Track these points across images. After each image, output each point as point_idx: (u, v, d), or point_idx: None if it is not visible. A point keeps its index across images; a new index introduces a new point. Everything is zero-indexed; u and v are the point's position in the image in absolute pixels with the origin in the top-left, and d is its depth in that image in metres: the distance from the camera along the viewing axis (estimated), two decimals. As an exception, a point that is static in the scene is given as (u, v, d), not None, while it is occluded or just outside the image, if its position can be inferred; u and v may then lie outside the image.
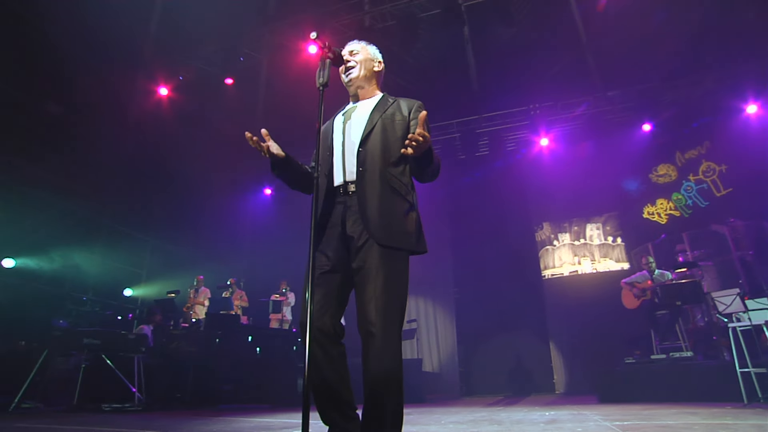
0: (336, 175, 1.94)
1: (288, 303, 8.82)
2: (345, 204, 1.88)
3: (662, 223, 9.19)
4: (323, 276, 1.85)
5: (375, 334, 1.67)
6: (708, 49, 8.26)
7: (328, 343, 1.79)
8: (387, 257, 1.77)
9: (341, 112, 2.14)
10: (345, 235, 1.85)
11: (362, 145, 1.92)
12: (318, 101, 1.94)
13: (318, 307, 1.80)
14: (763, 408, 4.15)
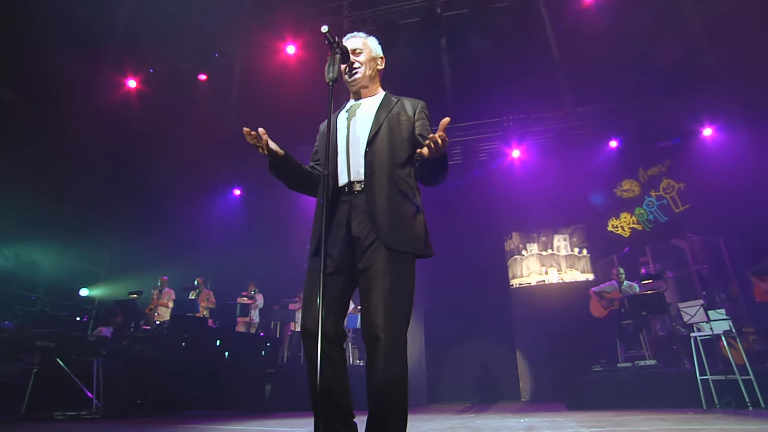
0: (341, 175, 1.89)
1: (256, 305, 8.60)
2: (350, 204, 1.84)
3: (625, 236, 9.57)
4: (327, 278, 1.78)
5: (382, 338, 1.64)
6: (671, 76, 8.70)
7: (330, 348, 1.74)
8: (395, 260, 1.74)
9: (344, 109, 2.09)
10: (350, 236, 1.81)
11: (369, 145, 1.89)
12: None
13: (329, 315, 1.76)
14: (722, 413, 4.35)
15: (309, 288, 1.80)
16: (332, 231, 1.84)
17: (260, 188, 11.12)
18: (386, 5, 8.99)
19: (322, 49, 10.00)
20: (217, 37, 8.80)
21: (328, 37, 1.85)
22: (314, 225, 1.94)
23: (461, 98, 10.58)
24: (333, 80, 1.81)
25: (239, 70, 9.57)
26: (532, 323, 9.57)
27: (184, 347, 5.85)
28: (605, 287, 6.82)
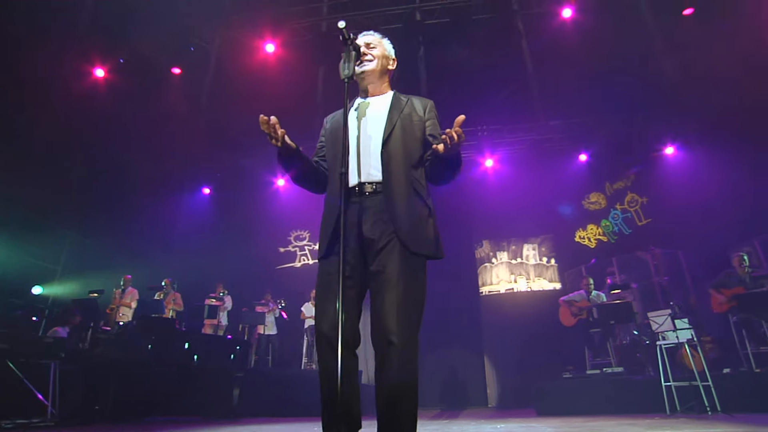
0: (351, 175, 1.83)
1: (225, 307, 8.35)
2: (361, 205, 1.79)
3: (591, 247, 9.89)
4: (349, 282, 1.75)
5: (396, 343, 1.62)
6: (637, 96, 9.10)
7: (346, 354, 1.69)
8: (409, 263, 1.72)
9: (352, 108, 2.03)
10: (361, 238, 1.75)
11: (384, 145, 1.85)
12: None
13: (335, 316, 1.71)
14: (686, 418, 4.54)
15: (323, 291, 1.75)
16: (340, 233, 1.78)
17: (230, 187, 10.85)
18: (367, 10, 9.00)
19: (301, 48, 9.93)
20: (193, 31, 8.54)
21: (344, 33, 1.82)
22: (324, 226, 1.87)
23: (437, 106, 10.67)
24: (348, 77, 1.78)
25: (215, 66, 9.34)
26: (500, 330, 9.70)
27: (151, 350, 5.59)
28: (574, 296, 7.01)
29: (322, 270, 1.80)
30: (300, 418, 6.35)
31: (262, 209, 10.80)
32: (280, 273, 10.45)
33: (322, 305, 1.72)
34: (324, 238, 1.83)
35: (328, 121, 2.11)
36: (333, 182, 1.88)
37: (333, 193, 1.85)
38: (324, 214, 1.90)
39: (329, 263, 1.77)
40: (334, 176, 1.87)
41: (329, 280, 1.75)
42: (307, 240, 10.85)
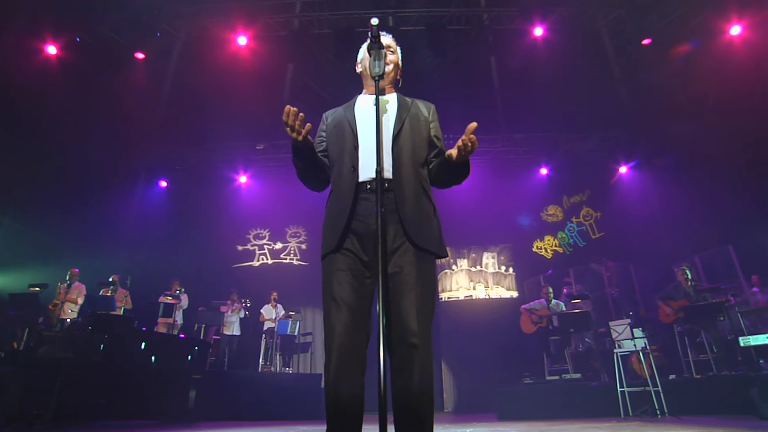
0: (363, 171, 1.79)
1: (180, 306, 7.95)
2: (372, 202, 1.75)
3: (548, 257, 10.29)
4: (360, 280, 1.69)
5: (418, 345, 1.58)
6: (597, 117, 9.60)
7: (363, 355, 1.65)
8: (423, 262, 1.70)
9: (355, 105, 1.99)
10: (376, 235, 1.70)
11: (394, 142, 1.83)
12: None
13: (358, 317, 1.66)
14: (640, 421, 4.79)
15: (339, 286, 1.68)
16: (355, 227, 1.73)
17: (189, 182, 10.41)
18: (344, 11, 8.95)
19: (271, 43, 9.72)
20: (161, 16, 8.14)
21: (374, 32, 1.79)
22: (332, 220, 1.79)
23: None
24: (380, 75, 1.75)
25: (181, 54, 8.94)
26: (458, 336, 9.85)
27: (103, 350, 5.22)
28: (535, 305, 7.25)
29: (331, 265, 1.73)
30: (258, 423, 6.16)
31: (221, 205, 10.44)
32: (237, 272, 10.12)
33: (332, 307, 1.65)
34: (333, 233, 1.75)
35: (328, 116, 2.05)
36: (341, 177, 1.81)
37: (343, 188, 1.78)
38: (331, 209, 1.83)
39: (341, 259, 1.70)
40: (342, 171, 1.81)
41: (342, 276, 1.69)
42: (267, 239, 10.58)
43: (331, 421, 1.58)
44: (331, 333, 1.63)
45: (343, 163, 1.82)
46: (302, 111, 1.91)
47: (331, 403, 1.57)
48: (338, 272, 1.69)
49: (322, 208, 8.10)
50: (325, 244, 1.78)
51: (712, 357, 5.96)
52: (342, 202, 1.76)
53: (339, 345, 1.61)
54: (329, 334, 1.65)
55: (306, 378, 7.96)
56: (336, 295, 1.67)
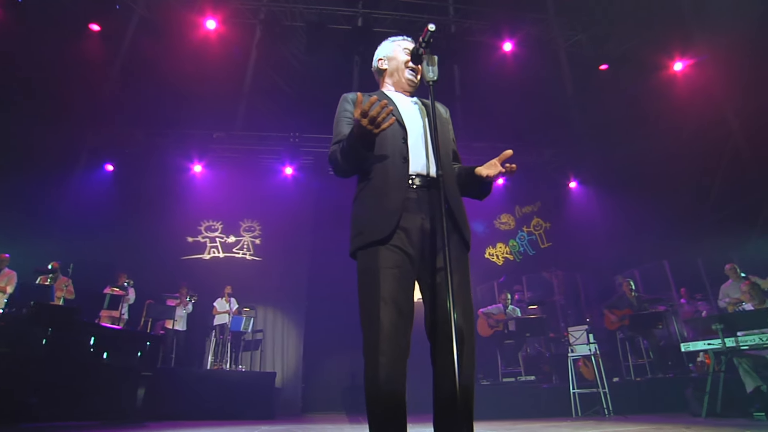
0: (411, 163, 1.78)
1: (127, 299, 7.45)
2: (421, 195, 1.75)
3: (499, 264, 10.72)
4: (405, 276, 1.69)
5: (466, 340, 1.63)
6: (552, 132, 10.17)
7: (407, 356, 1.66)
8: (465, 257, 1.75)
9: (390, 97, 1.95)
10: (425, 228, 1.72)
11: (436, 139, 1.86)
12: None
13: (405, 310, 1.67)
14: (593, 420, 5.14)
15: (386, 281, 1.63)
16: (403, 221, 1.71)
17: (138, 166, 9.77)
18: (318, 5, 8.84)
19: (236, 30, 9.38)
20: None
21: (428, 36, 1.81)
22: (374, 213, 1.73)
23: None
24: (435, 81, 1.76)
25: (139, 30, 8.39)
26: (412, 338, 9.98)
27: (45, 344, 4.76)
28: (492, 309, 7.54)
29: (377, 257, 1.66)
30: (211, 422, 5.92)
31: (172, 194, 9.89)
32: (186, 264, 9.62)
33: (385, 296, 1.63)
34: (381, 225, 1.69)
35: (355, 101, 2.01)
36: (387, 170, 1.76)
37: (390, 182, 1.74)
38: (374, 200, 1.75)
39: (387, 254, 1.66)
40: (387, 164, 1.77)
41: (389, 273, 1.67)
42: (220, 231, 10.17)
43: (382, 418, 1.57)
44: (380, 330, 1.60)
45: (391, 153, 1.78)
46: (261, 104, 1.84)
47: (384, 400, 1.57)
48: (385, 269, 1.64)
49: (278, 204, 8.28)
50: (367, 233, 1.70)
51: (648, 362, 6.51)
52: (390, 195, 1.71)
53: (390, 343, 1.60)
54: (376, 332, 1.61)
55: (260, 376, 7.74)
56: (384, 292, 1.63)
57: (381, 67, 2.13)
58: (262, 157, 10.67)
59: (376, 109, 1.56)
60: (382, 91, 2.06)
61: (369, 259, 1.69)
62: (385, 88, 2.10)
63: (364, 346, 1.65)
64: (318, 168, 11.00)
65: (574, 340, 5.71)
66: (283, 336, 9.75)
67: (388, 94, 2.00)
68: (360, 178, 1.85)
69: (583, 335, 5.62)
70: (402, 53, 2.08)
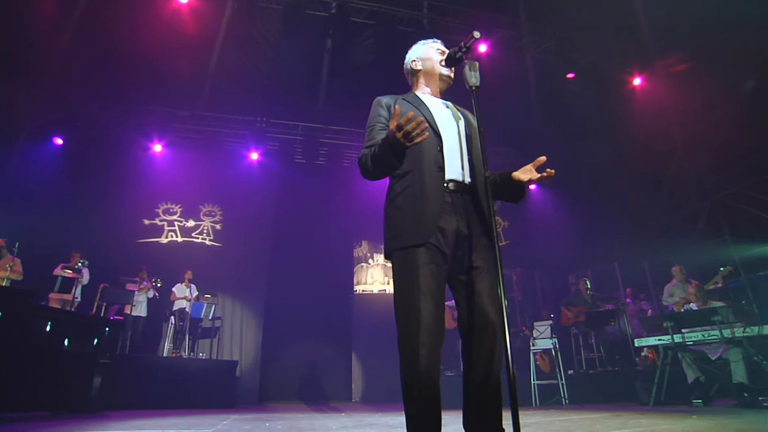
0: (447, 172, 1.87)
1: (81, 281, 7.01)
2: (456, 200, 1.84)
3: (458, 259, 11.04)
4: (440, 272, 1.76)
5: (496, 345, 1.74)
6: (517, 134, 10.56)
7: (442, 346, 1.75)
8: (495, 259, 1.84)
9: (425, 104, 2.03)
10: (460, 232, 1.81)
11: (468, 146, 1.95)
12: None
13: (440, 307, 1.75)
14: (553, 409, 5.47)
15: (424, 279, 1.71)
16: (439, 224, 1.79)
17: (91, 142, 9.17)
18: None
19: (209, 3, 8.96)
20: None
21: (470, 43, 1.88)
22: (413, 215, 1.81)
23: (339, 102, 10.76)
24: (477, 86, 1.83)
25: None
26: (370, 329, 10.10)
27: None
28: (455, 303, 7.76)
29: (415, 258, 1.74)
30: (169, 411, 5.74)
31: (128, 173, 9.38)
32: (142, 247, 9.18)
33: (424, 292, 1.70)
34: (420, 229, 1.77)
35: (391, 105, 2.05)
36: (423, 176, 1.84)
37: (428, 188, 1.82)
38: (411, 204, 1.83)
39: (425, 252, 1.74)
40: (424, 170, 1.85)
41: (427, 269, 1.74)
42: (178, 215, 9.77)
43: (421, 408, 1.65)
44: (420, 323, 1.68)
45: (427, 162, 1.86)
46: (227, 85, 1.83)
47: (423, 389, 1.65)
48: (423, 265, 1.73)
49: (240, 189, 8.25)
50: (406, 237, 1.79)
51: (598, 356, 7.00)
52: (429, 201, 1.80)
53: (429, 335, 1.68)
54: (416, 324, 1.68)
55: (221, 365, 7.57)
56: (423, 287, 1.71)
57: (415, 68, 2.19)
58: (227, 140, 10.34)
59: (412, 125, 1.62)
60: (416, 94, 2.11)
61: (408, 257, 1.76)
62: (418, 90, 2.15)
63: (401, 338, 1.73)
64: (284, 154, 10.82)
65: (539, 334, 6.06)
66: (241, 324, 9.56)
67: (423, 99, 2.06)
68: (394, 185, 1.92)
69: (548, 330, 5.96)
70: (436, 53, 2.15)
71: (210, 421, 4.30)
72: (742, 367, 4.76)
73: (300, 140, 10.81)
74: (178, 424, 3.96)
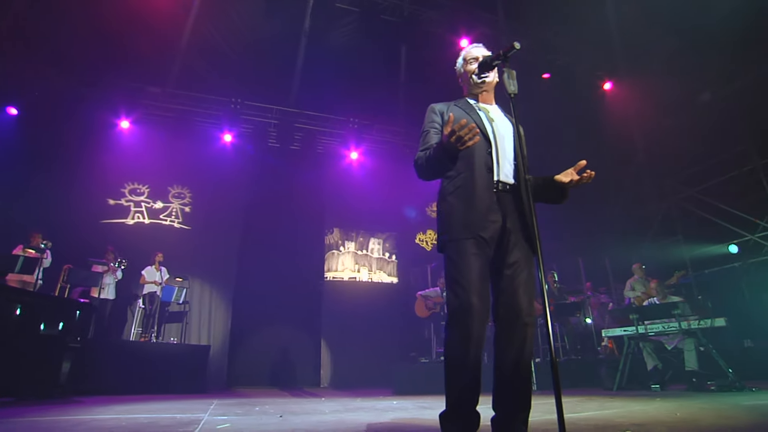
0: (495, 172, 2.04)
1: (43, 263, 6.65)
2: (502, 199, 2.01)
3: (428, 249, 11.28)
4: (486, 261, 1.93)
5: (529, 324, 1.92)
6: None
7: (485, 329, 1.88)
8: (531, 255, 1.99)
9: (475, 110, 2.18)
10: (504, 228, 1.95)
11: (514, 150, 2.12)
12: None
13: (487, 294, 1.87)
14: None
15: (477, 267, 1.88)
16: (487, 220, 1.94)
17: (50, 114, 8.62)
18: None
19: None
20: None
21: (510, 52, 2.00)
22: (467, 211, 1.98)
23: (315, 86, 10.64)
24: (515, 93, 1.95)
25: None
26: (339, 315, 10.18)
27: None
28: (430, 292, 7.99)
29: (466, 249, 1.91)
30: (141, 396, 5.62)
31: (92, 150, 8.92)
32: (107, 228, 8.78)
33: (468, 281, 1.85)
34: (471, 224, 1.94)
35: (444, 112, 2.20)
36: (474, 177, 2.00)
37: (479, 188, 1.99)
38: (462, 202, 2.00)
39: (473, 243, 1.91)
40: (475, 172, 2.02)
41: (474, 259, 1.89)
42: (146, 196, 9.41)
43: (466, 382, 1.83)
44: (471, 305, 1.84)
45: (477, 164, 2.03)
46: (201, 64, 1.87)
47: (472, 365, 1.84)
48: (473, 255, 1.91)
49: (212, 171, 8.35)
50: (458, 231, 1.96)
51: (562, 345, 7.42)
52: (479, 199, 1.97)
53: (478, 313, 1.84)
54: (468, 304, 1.84)
55: (193, 350, 7.44)
56: (474, 271, 1.89)
57: (460, 71, 2.34)
58: (198, 120, 10.02)
59: (464, 130, 1.80)
60: (466, 100, 2.26)
61: (460, 247, 1.93)
62: (467, 95, 2.31)
63: (451, 319, 1.89)
64: (258, 138, 10.61)
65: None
66: (210, 308, 9.39)
67: (473, 105, 2.22)
68: (446, 185, 2.08)
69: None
70: (472, 60, 2.29)
71: (195, 406, 4.27)
72: (694, 355, 5.24)
73: (275, 124, 10.62)
74: (168, 409, 3.91)
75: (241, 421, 3.10)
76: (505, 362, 1.89)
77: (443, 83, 10.33)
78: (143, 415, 3.46)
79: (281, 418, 3.30)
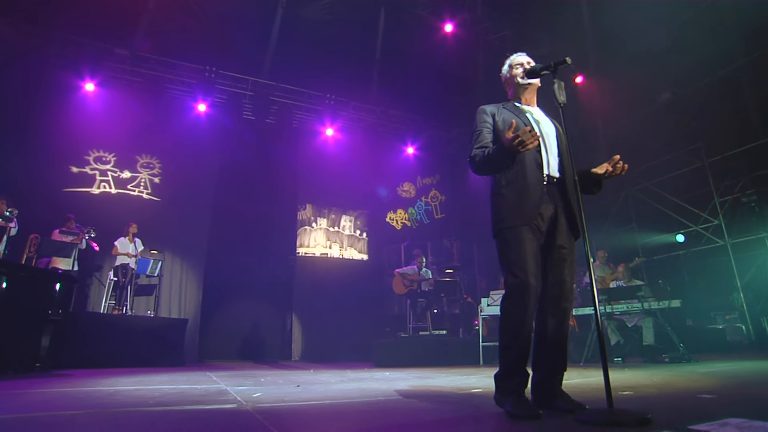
0: (545, 167, 2.30)
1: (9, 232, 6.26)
2: (550, 191, 2.27)
3: (398, 228, 11.55)
4: (538, 245, 2.21)
5: (568, 308, 2.24)
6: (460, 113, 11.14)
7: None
8: (574, 243, 2.27)
9: (523, 112, 2.41)
10: (554, 216, 2.20)
11: (559, 147, 2.35)
12: None
13: (539, 273, 2.11)
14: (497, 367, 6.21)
15: (532, 251, 2.15)
16: (539, 209, 2.18)
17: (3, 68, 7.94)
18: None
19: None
20: None
21: (562, 65, 2.21)
22: (522, 201, 2.22)
23: (291, 59, 10.45)
24: (564, 103, 2.17)
25: None
26: (311, 290, 10.30)
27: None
28: (407, 270, 8.26)
29: (522, 235, 2.17)
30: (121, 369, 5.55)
31: (52, 112, 8.35)
32: (70, 197, 8.31)
33: (526, 261, 2.10)
34: (526, 213, 2.20)
35: (494, 113, 2.42)
36: (526, 171, 2.25)
37: (531, 182, 2.24)
38: (516, 194, 2.24)
39: (528, 230, 2.17)
40: (526, 167, 2.27)
41: (530, 243, 2.16)
42: (112, 165, 8.97)
43: (526, 345, 2.12)
44: (528, 282, 2.10)
45: (528, 161, 2.27)
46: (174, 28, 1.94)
47: (528, 334, 2.11)
48: (528, 240, 2.18)
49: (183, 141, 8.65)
50: (513, 219, 2.22)
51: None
52: (532, 191, 2.22)
53: (534, 290, 2.12)
54: (525, 281, 2.10)
55: (171, 323, 7.35)
56: (529, 253, 2.15)
57: (506, 76, 2.55)
58: (169, 86, 9.60)
59: (528, 136, 2.03)
60: (514, 103, 2.49)
61: (517, 233, 2.19)
62: (514, 98, 2.53)
63: (511, 293, 2.16)
64: (232, 109, 10.33)
65: (493, 301, 6.76)
66: (180, 281, 9.23)
67: (521, 107, 2.46)
68: (500, 179, 2.32)
69: (500, 297, 6.67)
70: (519, 67, 2.50)
71: (196, 378, 4.32)
72: (651, 332, 5.88)
73: (250, 96, 10.37)
74: (174, 381, 3.95)
75: (268, 390, 3.22)
76: (548, 331, 2.19)
77: (421, 64, 10.57)
78: (166, 387, 3.49)
79: (299, 388, 3.45)
